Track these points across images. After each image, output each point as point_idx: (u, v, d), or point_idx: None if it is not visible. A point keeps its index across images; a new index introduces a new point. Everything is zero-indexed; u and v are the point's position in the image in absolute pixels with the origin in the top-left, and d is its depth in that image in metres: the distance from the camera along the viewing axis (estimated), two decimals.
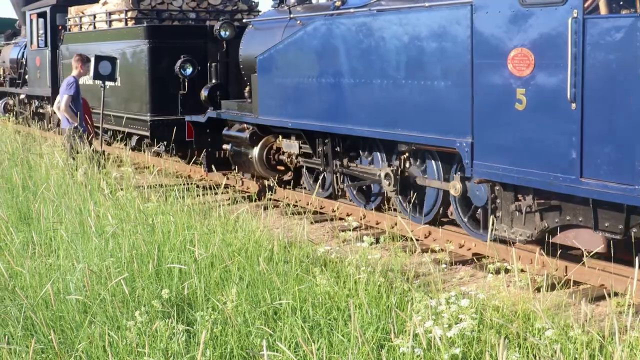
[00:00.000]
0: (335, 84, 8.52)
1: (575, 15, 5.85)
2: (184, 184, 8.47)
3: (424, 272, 6.72)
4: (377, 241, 6.68)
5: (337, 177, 9.21)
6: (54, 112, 11.18)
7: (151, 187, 8.11)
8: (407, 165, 8.21)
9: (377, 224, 8.68)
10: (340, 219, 8.93)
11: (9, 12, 25.22)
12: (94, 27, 15.07)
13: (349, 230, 7.06)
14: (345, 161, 9.07)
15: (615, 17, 5.71)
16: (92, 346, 4.47)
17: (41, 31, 18.64)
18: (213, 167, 10.96)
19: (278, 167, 10.23)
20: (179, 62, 12.02)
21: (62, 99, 10.14)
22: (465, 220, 7.76)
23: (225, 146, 10.94)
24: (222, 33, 11.74)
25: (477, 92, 6.77)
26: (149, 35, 12.56)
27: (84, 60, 10.52)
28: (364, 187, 9.13)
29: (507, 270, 5.43)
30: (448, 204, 8.04)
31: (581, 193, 6.01)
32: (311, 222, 8.40)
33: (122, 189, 7.91)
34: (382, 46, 7.84)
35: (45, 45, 18.15)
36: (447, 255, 6.64)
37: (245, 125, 10.35)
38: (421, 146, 7.80)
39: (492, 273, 5.41)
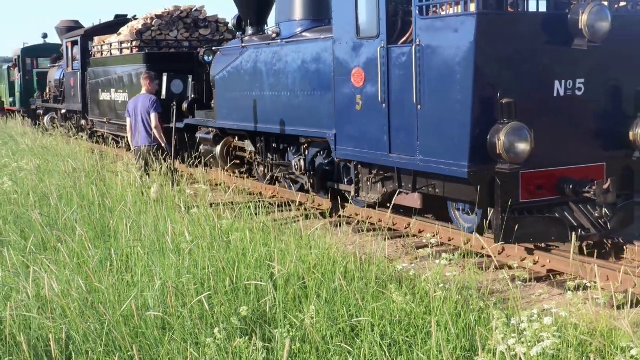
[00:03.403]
0: (261, 96, 11.56)
1: (382, 45, 8.77)
2: (257, 201, 8.94)
3: (499, 289, 6.79)
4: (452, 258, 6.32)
5: (268, 167, 12.18)
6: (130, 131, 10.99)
7: (225, 205, 8.32)
8: (307, 154, 11.19)
9: (449, 240, 8.88)
10: (414, 235, 9.27)
11: (56, 39, 28.67)
12: (111, 53, 18.33)
13: (426, 247, 7.07)
14: (275, 155, 12.07)
15: (402, 46, 8.60)
16: None
17: (77, 56, 22.06)
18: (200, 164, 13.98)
19: (235, 161, 13.26)
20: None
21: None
22: (352, 192, 10.67)
23: (200, 147, 14.01)
24: (206, 58, 14.72)
25: (337, 98, 9.72)
26: (146, 60, 15.81)
27: (152, 78, 11.09)
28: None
29: (585, 287, 5.31)
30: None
31: (391, 164, 8.91)
32: (386, 239, 8.37)
33: (196, 206, 8.00)
34: (286, 68, 10.87)
35: (78, 68, 21.56)
36: (525, 272, 6.62)
37: (210, 128, 13.43)
38: (313, 139, 10.77)
39: (571, 290, 5.26)
